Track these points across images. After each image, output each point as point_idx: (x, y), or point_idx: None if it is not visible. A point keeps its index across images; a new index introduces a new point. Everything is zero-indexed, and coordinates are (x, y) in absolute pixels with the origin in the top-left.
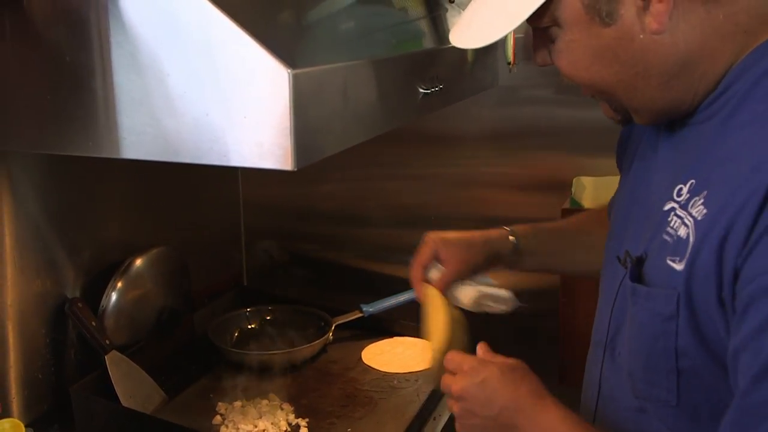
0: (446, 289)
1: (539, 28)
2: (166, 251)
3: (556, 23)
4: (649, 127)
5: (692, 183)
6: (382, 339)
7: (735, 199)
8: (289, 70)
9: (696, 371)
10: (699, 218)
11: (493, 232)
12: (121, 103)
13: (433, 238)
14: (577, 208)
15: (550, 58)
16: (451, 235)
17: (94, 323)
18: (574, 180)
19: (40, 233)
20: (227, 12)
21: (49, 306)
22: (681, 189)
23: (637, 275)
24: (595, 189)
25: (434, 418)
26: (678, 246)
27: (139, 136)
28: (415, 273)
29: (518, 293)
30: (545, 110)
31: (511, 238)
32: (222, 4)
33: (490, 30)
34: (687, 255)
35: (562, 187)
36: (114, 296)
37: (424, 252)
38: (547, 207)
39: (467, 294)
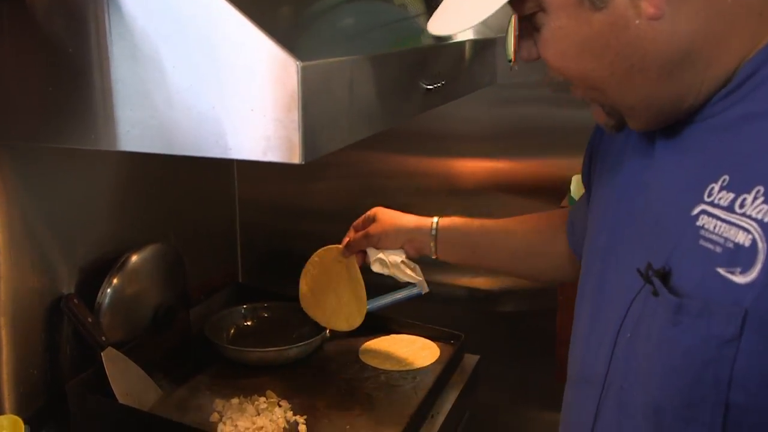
0: (361, 243)
1: (524, 17)
2: (161, 247)
3: (541, 8)
4: (633, 135)
5: (726, 179)
6: (380, 336)
7: None
8: (298, 63)
9: (749, 407)
10: (767, 220)
11: (424, 219)
12: (125, 95)
13: (374, 209)
14: None
15: (536, 51)
16: (390, 210)
17: (90, 320)
18: (572, 178)
19: (34, 229)
20: (233, 3)
21: (44, 302)
22: (712, 188)
23: (670, 291)
24: None
25: (432, 416)
26: (737, 255)
27: (144, 129)
28: (348, 234)
29: (516, 292)
30: (543, 109)
31: (432, 225)
32: None
33: (470, 15)
34: (758, 265)
35: (561, 185)
36: (110, 293)
37: (361, 217)
38: (545, 206)
39: (381, 255)
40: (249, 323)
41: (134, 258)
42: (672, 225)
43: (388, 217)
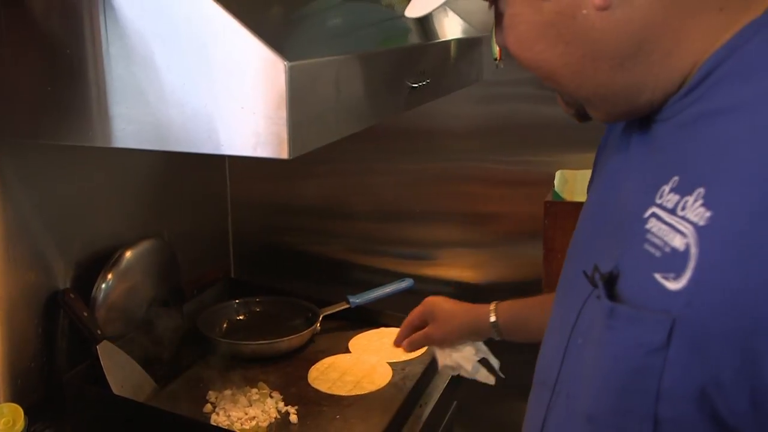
0: (423, 343)
1: (493, 4)
2: (155, 243)
3: None
4: (620, 127)
5: (675, 180)
6: (369, 329)
7: (752, 197)
8: (285, 63)
9: (679, 423)
10: (702, 224)
11: (481, 308)
12: (120, 93)
13: (429, 301)
14: (559, 201)
15: None
16: (445, 303)
17: (85, 314)
18: (556, 173)
19: (31, 224)
20: (223, 6)
21: (40, 296)
22: (663, 190)
23: (611, 295)
24: (577, 182)
25: (420, 406)
26: (672, 260)
27: (139, 126)
28: (403, 328)
29: (501, 285)
30: (528, 106)
31: (491, 315)
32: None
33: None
34: (688, 271)
35: (545, 181)
36: (105, 287)
37: (416, 312)
38: (530, 201)
39: (440, 358)
40: (241, 317)
41: (129, 254)
42: (627, 227)
43: (443, 316)
